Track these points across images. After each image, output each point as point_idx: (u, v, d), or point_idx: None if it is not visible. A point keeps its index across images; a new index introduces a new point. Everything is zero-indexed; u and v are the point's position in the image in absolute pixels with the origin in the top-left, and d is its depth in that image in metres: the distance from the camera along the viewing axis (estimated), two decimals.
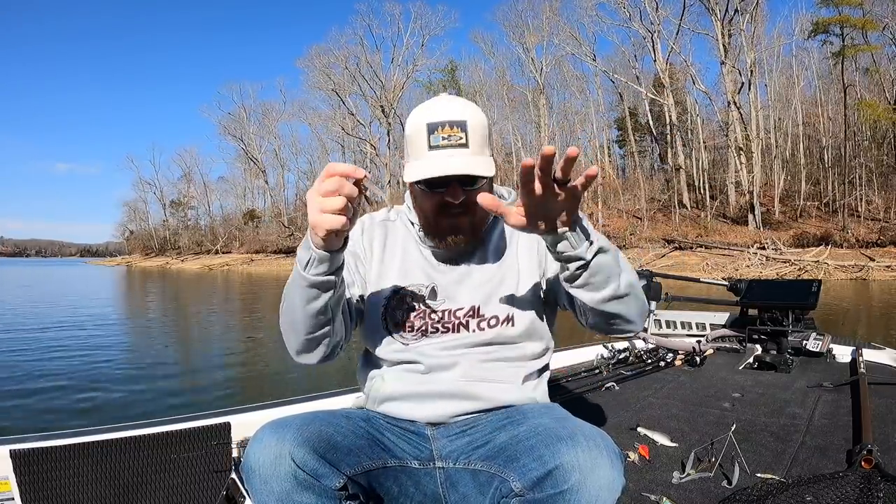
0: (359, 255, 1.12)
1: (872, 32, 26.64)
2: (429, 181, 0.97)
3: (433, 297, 1.07)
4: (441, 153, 0.96)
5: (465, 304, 1.06)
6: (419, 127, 0.99)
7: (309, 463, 0.82)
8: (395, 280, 1.09)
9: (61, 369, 6.09)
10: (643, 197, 33.22)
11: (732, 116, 29.38)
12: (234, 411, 1.80)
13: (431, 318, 1.06)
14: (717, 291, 4.57)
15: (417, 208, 1.08)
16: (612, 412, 2.18)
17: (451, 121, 0.97)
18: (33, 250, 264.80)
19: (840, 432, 1.86)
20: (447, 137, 0.96)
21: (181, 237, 66.03)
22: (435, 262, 1.10)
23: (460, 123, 0.97)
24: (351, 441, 0.91)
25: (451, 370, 1.04)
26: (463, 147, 0.96)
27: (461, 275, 1.08)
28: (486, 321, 1.06)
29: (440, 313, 1.06)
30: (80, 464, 1.48)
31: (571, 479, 0.76)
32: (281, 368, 6.13)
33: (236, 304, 16.30)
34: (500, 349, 1.07)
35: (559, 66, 39.16)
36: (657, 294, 3.56)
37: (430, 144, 0.97)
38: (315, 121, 50.96)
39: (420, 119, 0.99)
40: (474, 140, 0.97)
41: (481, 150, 0.99)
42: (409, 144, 1.02)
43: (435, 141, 0.96)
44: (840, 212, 26.59)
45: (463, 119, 0.97)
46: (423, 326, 1.06)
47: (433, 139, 0.96)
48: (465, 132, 0.96)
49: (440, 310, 1.06)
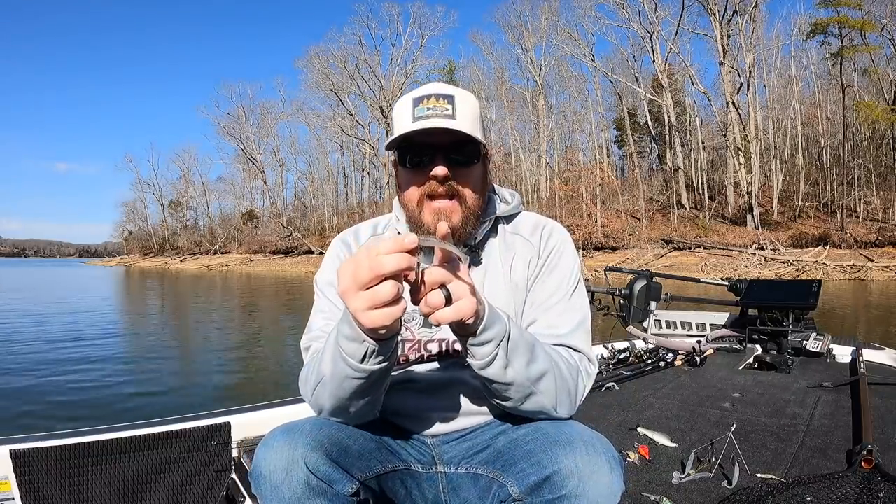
0: None
1: (871, 33, 26.71)
2: (412, 156, 0.91)
3: (427, 325, 0.98)
4: (424, 122, 0.88)
5: None
6: (404, 102, 0.93)
7: (322, 468, 0.79)
8: None
9: (61, 370, 6.08)
10: (642, 197, 33.26)
11: (731, 117, 29.42)
12: (234, 411, 1.80)
13: (427, 350, 0.99)
14: (716, 291, 4.58)
15: (404, 203, 0.98)
16: (612, 412, 2.18)
17: (438, 94, 0.91)
18: (32, 250, 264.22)
19: (840, 432, 1.86)
20: (432, 108, 0.89)
21: (180, 237, 66.01)
22: None
23: (447, 97, 0.90)
24: (361, 445, 0.88)
25: (450, 388, 0.99)
26: (449, 118, 0.89)
27: None
28: None
29: (436, 343, 0.99)
30: (80, 464, 1.48)
31: (569, 484, 0.74)
32: (280, 369, 6.13)
33: (235, 304, 16.28)
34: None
35: (558, 66, 39.31)
36: (657, 294, 3.56)
37: (415, 116, 0.89)
38: (314, 121, 51.10)
39: (405, 97, 0.94)
40: (462, 115, 0.90)
41: (471, 127, 0.91)
42: (393, 124, 0.95)
43: (419, 112, 0.89)
44: (838, 212, 26.64)
45: (450, 94, 0.91)
46: (419, 358, 0.99)
47: (417, 111, 0.89)
48: (452, 105, 0.90)
49: (437, 339, 0.98)
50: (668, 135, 34.62)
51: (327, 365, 0.82)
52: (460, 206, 0.93)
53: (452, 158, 0.91)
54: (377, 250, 0.67)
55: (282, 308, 14.67)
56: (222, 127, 55.71)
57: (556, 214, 32.48)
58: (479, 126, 0.94)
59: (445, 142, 0.90)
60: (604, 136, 41.17)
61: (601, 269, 5.35)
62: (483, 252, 1.02)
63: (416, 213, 0.94)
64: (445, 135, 0.89)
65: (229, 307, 15.33)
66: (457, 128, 0.88)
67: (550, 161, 39.80)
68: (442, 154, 0.90)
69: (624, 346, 3.25)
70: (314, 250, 42.92)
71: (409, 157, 0.92)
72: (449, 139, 0.90)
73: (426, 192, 0.92)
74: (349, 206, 51.03)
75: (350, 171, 53.60)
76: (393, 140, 0.92)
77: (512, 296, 0.99)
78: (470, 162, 0.93)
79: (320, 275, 1.04)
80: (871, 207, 27.15)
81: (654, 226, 30.98)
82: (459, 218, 0.93)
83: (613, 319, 3.60)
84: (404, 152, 0.93)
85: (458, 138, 0.90)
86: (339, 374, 0.81)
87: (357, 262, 0.68)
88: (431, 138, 0.90)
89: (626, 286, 3.57)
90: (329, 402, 0.86)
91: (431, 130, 0.88)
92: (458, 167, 0.92)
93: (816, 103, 33.30)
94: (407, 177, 0.95)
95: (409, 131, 0.88)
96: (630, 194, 35.04)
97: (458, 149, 0.91)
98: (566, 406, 0.88)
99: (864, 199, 27.45)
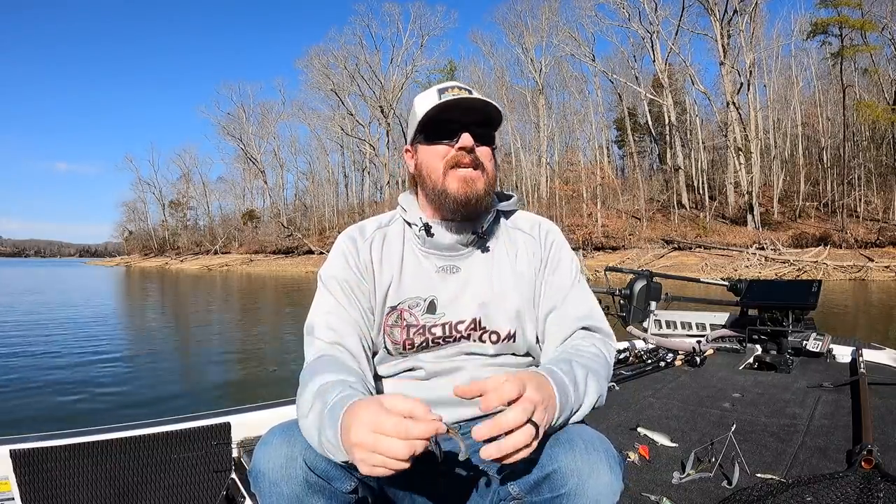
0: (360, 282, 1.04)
1: (871, 33, 26.69)
2: (438, 130, 0.99)
3: (432, 310, 1.02)
4: (456, 97, 0.98)
5: (465, 318, 1.02)
6: (428, 93, 1.02)
7: (320, 465, 0.80)
8: (393, 297, 1.03)
9: (61, 370, 6.08)
10: (642, 197, 33.24)
11: (731, 117, 29.42)
12: (234, 411, 1.80)
13: (432, 333, 1.01)
14: (716, 291, 4.58)
15: (424, 178, 1.02)
16: (612, 412, 2.18)
17: (460, 85, 1.01)
18: (32, 250, 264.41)
19: (840, 432, 1.86)
20: (457, 94, 0.98)
21: (180, 237, 66.04)
22: (434, 269, 1.04)
23: (468, 88, 1.00)
24: None
25: (452, 375, 1.01)
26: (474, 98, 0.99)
27: (461, 283, 1.03)
28: (488, 335, 1.02)
29: (440, 327, 1.01)
30: (80, 464, 1.48)
31: (569, 483, 0.75)
32: (280, 369, 6.13)
33: (236, 304, 16.29)
34: (502, 359, 1.04)
35: (558, 66, 39.29)
36: (657, 294, 3.56)
37: (441, 99, 0.98)
38: (314, 121, 51.13)
39: (429, 90, 1.03)
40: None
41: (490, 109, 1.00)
42: (415, 114, 1.02)
43: (446, 97, 0.98)
44: (839, 212, 26.62)
45: (470, 88, 1.01)
46: (423, 343, 1.01)
47: (443, 96, 0.98)
48: (472, 93, 0.99)
49: (440, 323, 1.01)
50: (669, 135, 34.61)
51: (311, 422, 0.79)
52: (483, 175, 1.00)
53: (477, 134, 0.98)
54: (418, 430, 0.66)
55: (282, 308, 14.67)
56: (222, 127, 55.85)
57: (556, 214, 32.48)
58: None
59: (471, 121, 0.98)
60: (604, 136, 41.22)
61: (601, 269, 5.35)
62: (489, 241, 1.07)
63: (438, 182, 1.00)
64: (473, 114, 0.98)
65: (229, 307, 15.33)
66: (486, 103, 0.96)
67: (551, 161, 39.79)
68: (468, 129, 0.98)
69: (624, 346, 3.25)
70: (314, 250, 42.93)
71: (436, 132, 0.99)
72: (475, 119, 0.98)
73: (452, 162, 0.99)
74: (349, 206, 51.02)
75: (350, 171, 53.69)
76: (425, 114, 0.98)
77: (517, 283, 1.04)
78: (491, 140, 1.01)
79: (325, 269, 1.06)
80: (871, 207, 27.13)
81: (655, 226, 30.97)
82: (483, 185, 1.00)
83: (613, 319, 3.60)
84: (430, 129, 1.00)
85: (483, 118, 0.99)
86: (317, 439, 0.78)
87: (388, 407, 0.68)
88: (459, 116, 0.97)
89: (626, 286, 3.57)
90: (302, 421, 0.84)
91: (460, 109, 0.96)
92: (481, 144, 0.99)
93: (817, 103, 33.28)
94: (431, 153, 1.01)
95: (443, 101, 0.96)
96: (630, 194, 35.03)
97: (483, 125, 0.99)
98: (605, 389, 0.94)
99: (864, 199, 27.43)
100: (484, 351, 1.03)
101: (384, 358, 1.04)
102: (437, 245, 1.04)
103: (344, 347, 0.96)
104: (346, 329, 0.98)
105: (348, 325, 0.99)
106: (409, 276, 1.04)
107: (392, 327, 1.02)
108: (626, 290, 3.53)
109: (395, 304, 1.02)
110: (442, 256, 1.04)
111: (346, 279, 1.02)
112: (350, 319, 0.99)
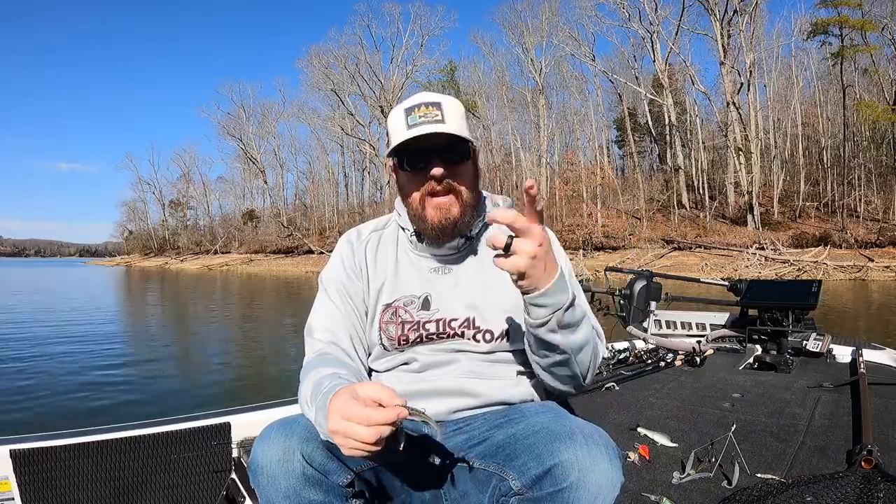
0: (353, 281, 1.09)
1: (871, 33, 26.69)
2: (410, 160, 1.00)
3: (426, 306, 1.05)
4: (419, 129, 0.98)
5: (459, 315, 1.04)
6: (397, 114, 1.02)
7: (317, 459, 0.83)
8: (387, 294, 1.08)
9: (61, 370, 6.08)
10: (642, 197, 33.24)
11: (731, 117, 29.41)
12: (234, 411, 1.80)
13: (426, 329, 1.04)
14: (716, 291, 4.58)
15: (407, 203, 1.07)
16: (612, 412, 2.18)
17: (427, 102, 1.00)
18: (32, 250, 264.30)
19: (840, 432, 1.86)
20: (424, 115, 0.98)
21: (180, 237, 65.95)
22: (427, 270, 1.08)
23: (435, 104, 1.00)
24: None
25: (447, 367, 1.04)
26: (440, 123, 0.98)
27: (454, 282, 1.07)
28: (482, 334, 1.04)
29: (434, 323, 1.04)
30: (80, 464, 1.48)
31: (570, 476, 0.76)
32: (280, 369, 6.13)
33: (236, 304, 16.29)
34: (496, 356, 1.06)
35: (558, 66, 39.24)
36: (657, 294, 3.56)
37: (409, 125, 0.99)
38: (314, 121, 51.06)
39: (398, 108, 1.03)
40: (451, 119, 0.99)
41: (459, 129, 1.00)
42: (389, 136, 1.04)
43: (412, 121, 0.98)
44: (839, 212, 26.62)
45: (438, 101, 1.00)
46: (418, 338, 1.04)
47: (410, 120, 0.99)
48: (441, 111, 0.99)
49: (434, 319, 1.04)
50: (669, 135, 34.60)
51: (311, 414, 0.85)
52: (457, 200, 1.03)
53: (447, 158, 1.00)
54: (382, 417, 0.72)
55: (282, 308, 14.67)
56: (222, 127, 55.76)
57: (556, 214, 32.50)
58: (466, 126, 1.03)
59: (439, 144, 0.99)
60: (604, 136, 41.20)
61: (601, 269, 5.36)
62: (478, 244, 1.10)
63: (419, 210, 1.03)
64: (439, 138, 0.98)
65: (230, 307, 15.33)
66: (448, 131, 0.97)
67: (551, 161, 39.77)
68: (437, 156, 0.99)
69: (624, 347, 3.25)
70: (315, 250, 42.91)
71: (408, 161, 1.01)
72: (442, 141, 0.99)
73: (426, 191, 1.01)
74: (349, 205, 51.02)
75: (350, 171, 53.64)
76: (392, 148, 1.01)
77: (508, 283, 1.04)
78: (462, 160, 1.02)
79: (324, 273, 1.13)
80: (871, 207, 27.12)
81: (655, 226, 30.96)
82: (458, 210, 1.03)
83: (613, 319, 3.61)
84: (403, 157, 1.02)
85: (450, 140, 0.99)
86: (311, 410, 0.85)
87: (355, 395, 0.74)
88: (426, 142, 0.98)
89: (626, 286, 3.57)
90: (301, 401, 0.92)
91: (426, 136, 0.97)
92: (452, 166, 1.01)
93: (817, 103, 33.28)
94: (407, 179, 1.04)
95: (407, 138, 0.97)
96: (630, 194, 35.02)
97: (451, 149, 1.00)
98: (588, 379, 0.98)
99: (864, 199, 27.42)
100: (477, 349, 1.05)
101: (381, 353, 1.07)
102: (429, 249, 1.09)
103: (339, 346, 1.03)
104: (341, 330, 1.05)
105: (343, 326, 1.06)
106: (404, 275, 1.09)
107: (388, 324, 1.06)
108: (626, 290, 3.53)
109: (390, 302, 1.07)
110: (434, 258, 1.09)
111: (343, 282, 1.09)
112: (345, 321, 1.06)
